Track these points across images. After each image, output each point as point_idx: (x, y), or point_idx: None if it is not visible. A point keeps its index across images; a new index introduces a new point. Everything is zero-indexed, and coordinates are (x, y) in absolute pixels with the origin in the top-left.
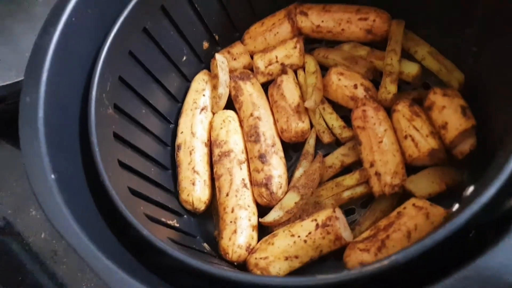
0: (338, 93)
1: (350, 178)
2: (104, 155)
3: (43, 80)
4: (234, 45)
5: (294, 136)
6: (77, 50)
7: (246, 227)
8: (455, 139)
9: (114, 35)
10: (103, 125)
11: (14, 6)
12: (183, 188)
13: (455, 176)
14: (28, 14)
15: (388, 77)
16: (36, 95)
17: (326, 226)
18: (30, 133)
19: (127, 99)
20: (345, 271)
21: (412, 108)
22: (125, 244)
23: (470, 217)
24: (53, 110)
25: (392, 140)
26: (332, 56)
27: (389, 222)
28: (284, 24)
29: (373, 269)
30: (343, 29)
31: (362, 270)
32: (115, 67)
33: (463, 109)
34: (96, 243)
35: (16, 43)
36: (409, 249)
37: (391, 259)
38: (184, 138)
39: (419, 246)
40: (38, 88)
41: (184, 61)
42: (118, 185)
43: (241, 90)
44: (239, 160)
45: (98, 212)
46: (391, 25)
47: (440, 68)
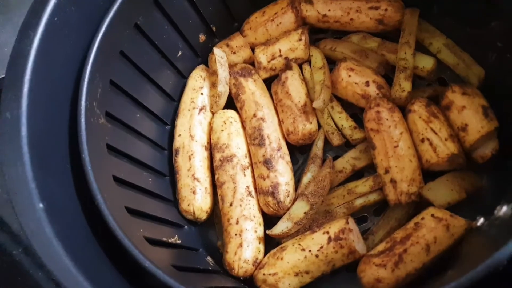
0: (348, 91)
1: (363, 185)
2: (98, 173)
3: (25, 92)
4: (233, 37)
5: (302, 139)
6: (62, 54)
7: (252, 240)
8: (476, 142)
9: (103, 34)
10: (95, 137)
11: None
12: (183, 197)
13: (475, 182)
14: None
15: (402, 73)
16: (18, 111)
17: (339, 240)
18: (13, 154)
19: (120, 105)
20: None
21: (429, 109)
22: (124, 272)
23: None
24: (37, 126)
25: (409, 144)
26: (340, 49)
27: (406, 234)
28: (288, 14)
29: None
30: (352, 19)
31: None
32: (106, 70)
33: (485, 110)
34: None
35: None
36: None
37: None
38: (182, 141)
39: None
40: (20, 102)
41: (179, 56)
42: (114, 207)
43: (243, 87)
44: (243, 165)
45: (95, 239)
46: (404, 14)
47: (458, 62)
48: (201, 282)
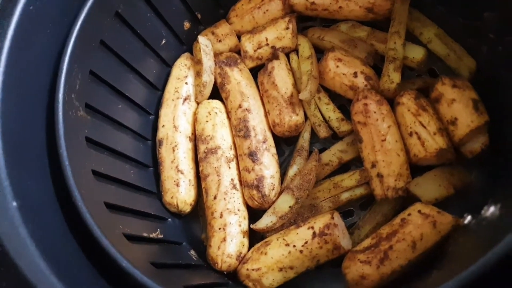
0: (335, 82)
1: (349, 179)
2: (76, 169)
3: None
4: (219, 24)
5: (288, 131)
6: (38, 45)
7: (236, 234)
8: (465, 137)
9: (81, 24)
10: (74, 131)
11: None
12: (167, 190)
13: (464, 177)
14: None
15: (391, 64)
16: None
17: (324, 235)
18: None
19: (100, 96)
20: None
21: (418, 101)
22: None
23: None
24: (12, 120)
25: (396, 138)
26: (329, 38)
27: (392, 230)
28: (275, 1)
29: None
30: (340, 7)
31: None
32: (85, 61)
33: (475, 103)
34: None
35: None
36: None
37: None
38: (166, 132)
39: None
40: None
41: (163, 44)
42: (93, 203)
43: (228, 77)
44: (227, 157)
45: (72, 238)
46: (394, 2)
47: (448, 53)
48: (181, 280)
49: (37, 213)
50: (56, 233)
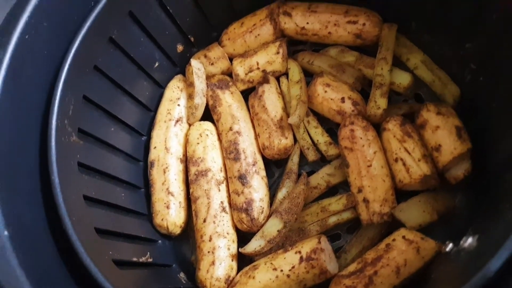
0: (324, 106)
1: (336, 203)
2: (68, 195)
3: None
4: (212, 47)
5: (277, 154)
6: (33, 72)
7: (224, 257)
8: (448, 163)
9: (75, 51)
10: (66, 156)
11: None
12: (157, 212)
13: (448, 203)
14: None
15: (378, 90)
16: None
17: (310, 260)
18: None
19: (93, 119)
20: None
21: (404, 128)
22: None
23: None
24: (5, 147)
25: (382, 164)
26: (318, 63)
27: (377, 255)
28: (266, 25)
29: None
30: (330, 32)
31: None
32: (79, 86)
33: (459, 131)
34: None
35: None
36: None
37: None
38: (157, 154)
39: None
40: None
41: (156, 67)
42: (84, 230)
43: (220, 100)
44: (217, 180)
45: (61, 266)
46: (382, 29)
47: (434, 79)
48: None
49: (28, 241)
50: (46, 260)
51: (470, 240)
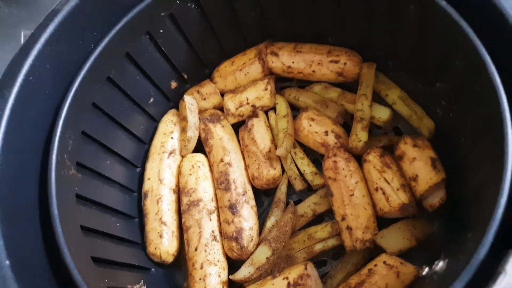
0: (309, 139)
1: (322, 231)
2: (66, 226)
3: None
4: (204, 84)
5: (266, 183)
6: (35, 111)
7: (215, 284)
8: (425, 192)
9: (75, 90)
10: (65, 189)
11: None
12: (150, 241)
13: (426, 229)
14: None
15: (359, 124)
16: None
17: (297, 285)
18: None
19: (90, 154)
20: None
21: (383, 159)
22: None
23: None
24: (7, 183)
25: (363, 193)
26: (303, 99)
27: (360, 280)
28: (255, 64)
29: None
30: (314, 71)
31: None
32: (78, 123)
33: (433, 162)
34: None
35: None
36: None
37: None
38: (151, 185)
39: None
40: None
41: (151, 102)
42: (81, 258)
43: (211, 133)
44: (209, 209)
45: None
46: (362, 67)
47: (411, 114)
48: None
49: (28, 270)
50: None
51: (441, 263)
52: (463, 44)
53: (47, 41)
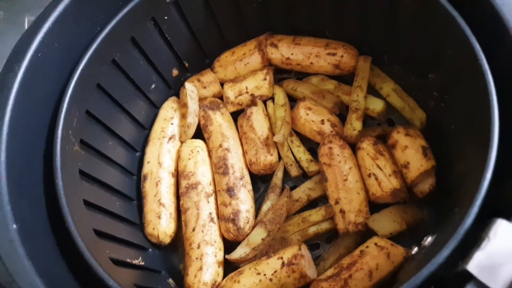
0: (306, 127)
1: (316, 214)
2: (70, 197)
3: (6, 121)
4: (204, 72)
5: (263, 169)
6: (42, 87)
7: (212, 263)
8: (416, 179)
9: (82, 69)
10: (69, 163)
11: None
12: (149, 222)
13: (416, 214)
14: None
15: (354, 114)
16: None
17: (291, 265)
18: None
19: (94, 133)
20: None
21: (376, 147)
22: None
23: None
24: (16, 153)
25: (357, 178)
26: (301, 89)
27: (352, 260)
28: (255, 55)
29: None
30: (312, 63)
31: None
32: (83, 102)
33: (424, 150)
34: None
35: None
36: None
37: None
38: (150, 168)
39: None
40: (1, 130)
41: (153, 88)
42: (83, 229)
43: (211, 120)
44: (207, 192)
45: (63, 260)
46: (358, 61)
47: (404, 106)
48: None
49: (33, 235)
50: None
51: (430, 239)
52: (455, 34)
53: (56, 20)
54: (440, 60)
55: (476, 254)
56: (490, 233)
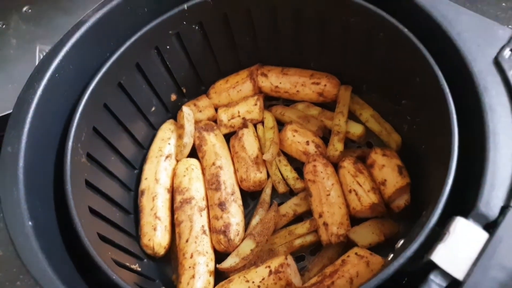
0: (292, 148)
1: (301, 227)
2: (77, 203)
3: (25, 132)
4: (200, 98)
5: (252, 185)
6: (57, 103)
7: (203, 272)
8: (392, 194)
9: (91, 90)
10: (77, 173)
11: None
12: (145, 233)
13: (392, 228)
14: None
15: (336, 136)
16: (18, 146)
17: (278, 273)
18: (10, 181)
19: (99, 148)
20: None
21: (356, 165)
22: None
23: (397, 269)
24: (32, 159)
25: (339, 194)
26: (288, 114)
27: (335, 269)
28: (247, 83)
29: None
30: (298, 91)
31: None
32: (90, 119)
33: (400, 169)
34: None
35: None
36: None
37: None
38: (148, 184)
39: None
40: (20, 139)
41: (153, 111)
42: (89, 231)
43: (205, 140)
44: (200, 207)
45: (69, 258)
46: (340, 89)
47: (381, 130)
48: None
49: (45, 233)
50: (59, 250)
51: (401, 242)
52: (421, 64)
53: (73, 45)
54: (410, 87)
55: (439, 246)
56: (450, 228)
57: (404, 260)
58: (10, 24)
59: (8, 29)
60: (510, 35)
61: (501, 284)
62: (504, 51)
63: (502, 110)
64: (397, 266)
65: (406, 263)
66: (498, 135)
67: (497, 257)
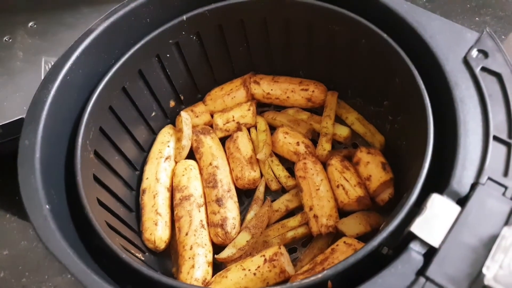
0: (284, 149)
1: (293, 220)
2: (87, 193)
3: (41, 127)
4: (197, 105)
5: (247, 184)
6: (68, 103)
7: (202, 263)
8: (377, 189)
9: (98, 93)
10: (86, 167)
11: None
12: (146, 228)
13: (378, 220)
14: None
15: (324, 137)
16: (34, 139)
17: (272, 261)
18: (28, 170)
19: (104, 147)
20: (288, 283)
21: (343, 163)
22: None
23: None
24: (46, 152)
25: (327, 188)
26: (279, 118)
27: (325, 257)
28: (240, 90)
29: (309, 281)
30: (288, 97)
31: (301, 283)
32: (97, 119)
33: (383, 165)
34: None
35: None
36: (336, 266)
37: (324, 273)
38: (149, 183)
39: (344, 263)
40: (36, 134)
41: (153, 116)
42: (98, 219)
43: (202, 143)
44: (198, 203)
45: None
46: (327, 95)
47: (366, 131)
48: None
49: (60, 216)
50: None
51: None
52: (400, 65)
53: (82, 51)
54: (391, 88)
55: (417, 219)
56: (427, 204)
57: (387, 234)
58: (17, 38)
59: (15, 43)
60: (476, 37)
61: (471, 248)
62: (472, 51)
63: (471, 102)
64: (381, 239)
65: (389, 237)
66: (468, 123)
67: (468, 226)
